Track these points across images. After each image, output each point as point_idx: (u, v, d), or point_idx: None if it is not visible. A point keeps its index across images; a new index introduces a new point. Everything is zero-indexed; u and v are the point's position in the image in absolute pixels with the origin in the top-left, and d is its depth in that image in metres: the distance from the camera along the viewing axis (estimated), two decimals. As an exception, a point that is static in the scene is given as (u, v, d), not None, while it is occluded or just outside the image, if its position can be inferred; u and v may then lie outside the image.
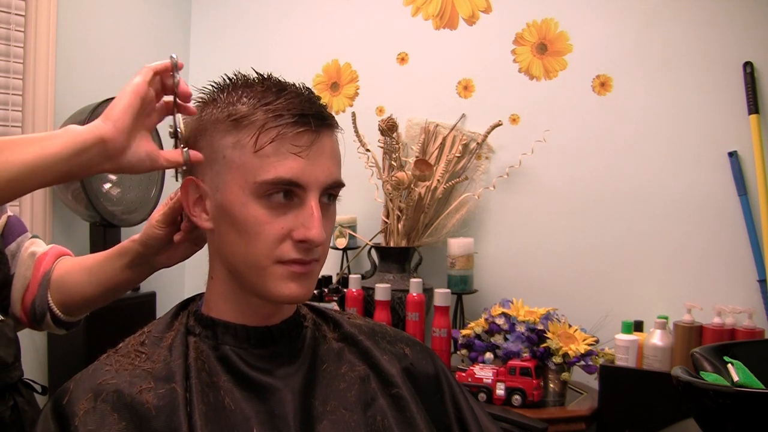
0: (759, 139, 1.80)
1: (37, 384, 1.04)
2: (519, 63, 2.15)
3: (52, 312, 0.99)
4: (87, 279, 0.98)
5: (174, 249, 0.92)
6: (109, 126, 0.76)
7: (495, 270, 2.17)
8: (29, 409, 0.98)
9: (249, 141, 0.74)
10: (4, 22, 1.93)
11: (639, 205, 1.98)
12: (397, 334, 0.94)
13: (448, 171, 2.14)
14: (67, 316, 1.01)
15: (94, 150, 0.76)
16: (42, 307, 0.99)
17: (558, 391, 1.71)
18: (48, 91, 2.04)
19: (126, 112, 0.76)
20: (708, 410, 0.84)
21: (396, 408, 0.82)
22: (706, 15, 1.90)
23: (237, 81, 0.80)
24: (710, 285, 1.87)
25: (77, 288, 0.99)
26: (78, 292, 0.99)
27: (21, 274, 1.00)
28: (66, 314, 1.00)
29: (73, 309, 1.01)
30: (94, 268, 0.98)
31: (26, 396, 0.99)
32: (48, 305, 0.99)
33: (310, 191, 0.75)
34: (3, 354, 0.94)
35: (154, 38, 2.50)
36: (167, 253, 0.93)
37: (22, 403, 0.96)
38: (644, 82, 1.98)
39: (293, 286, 0.76)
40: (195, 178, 0.79)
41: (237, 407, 0.74)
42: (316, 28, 2.47)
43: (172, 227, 0.90)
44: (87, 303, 1.00)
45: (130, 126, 0.77)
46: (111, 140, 0.76)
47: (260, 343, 0.80)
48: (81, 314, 1.04)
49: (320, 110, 0.77)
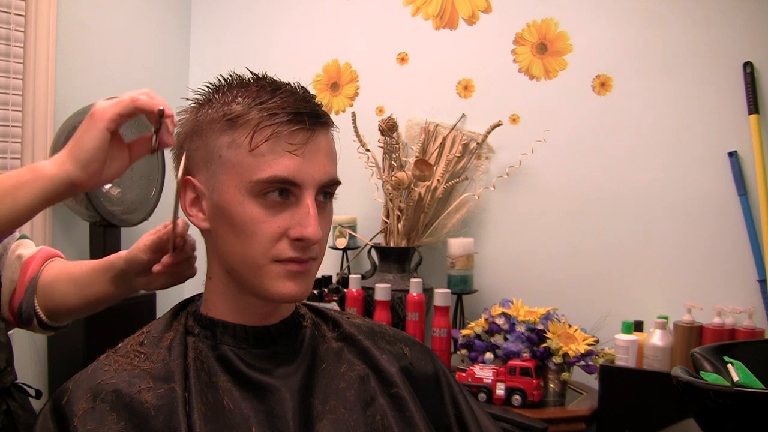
0: (759, 139, 1.80)
1: (31, 388, 1.03)
2: (519, 63, 2.15)
3: (38, 317, 0.99)
4: (73, 290, 0.97)
5: (154, 277, 0.91)
6: (79, 172, 0.75)
7: (495, 270, 2.17)
8: (23, 413, 0.97)
9: (244, 140, 0.74)
10: (4, 22, 1.93)
11: (639, 205, 1.98)
12: (397, 333, 0.94)
13: (448, 171, 2.14)
14: (52, 321, 1.00)
15: (65, 194, 0.76)
16: (29, 311, 0.99)
17: (558, 391, 1.71)
18: (48, 91, 2.04)
19: (97, 152, 0.75)
20: (708, 410, 0.84)
21: (395, 407, 0.82)
22: (706, 15, 1.90)
23: (232, 81, 0.80)
24: (710, 285, 1.87)
25: (62, 297, 0.98)
26: (63, 301, 0.98)
27: (8, 277, 0.99)
28: (51, 320, 1.00)
29: (57, 316, 1.00)
30: (81, 279, 0.97)
31: (19, 400, 0.99)
32: (34, 310, 0.99)
33: (305, 189, 0.75)
34: None
35: (154, 38, 2.50)
36: (147, 279, 0.92)
37: (16, 408, 0.96)
38: (644, 82, 1.98)
39: (290, 284, 0.76)
40: (192, 178, 0.79)
41: (236, 407, 0.74)
42: (316, 28, 2.47)
43: (157, 255, 0.89)
44: (70, 312, 1.00)
45: (101, 168, 0.76)
46: (81, 184, 0.76)
47: (259, 343, 0.80)
48: (66, 321, 1.03)
49: (315, 108, 0.77)
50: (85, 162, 0.75)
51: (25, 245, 1.03)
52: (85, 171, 0.75)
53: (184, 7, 2.66)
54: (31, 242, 1.05)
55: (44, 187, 0.74)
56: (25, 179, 0.75)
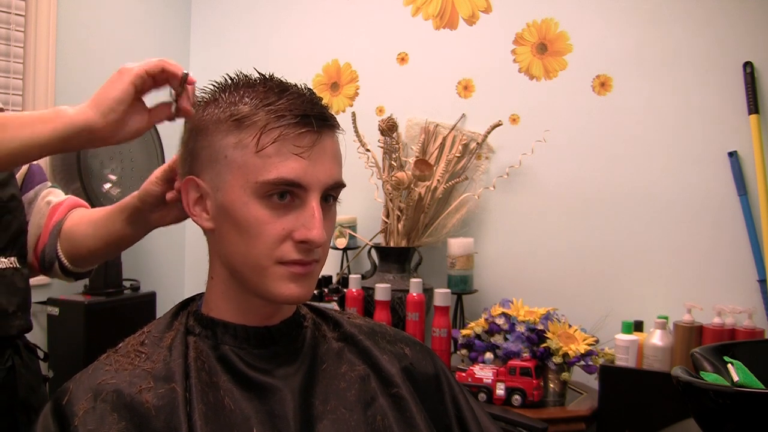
0: (759, 139, 1.80)
1: (40, 350, 1.07)
2: (519, 63, 2.15)
3: (60, 261, 1.04)
4: (92, 232, 1.01)
5: (168, 209, 0.93)
6: (98, 118, 0.77)
7: (495, 270, 2.17)
8: (26, 372, 1.00)
9: (251, 141, 0.74)
10: (4, 22, 1.94)
11: (639, 205, 1.98)
12: (397, 333, 0.94)
13: (448, 171, 2.14)
14: (73, 266, 1.05)
15: (82, 136, 0.78)
16: (51, 255, 1.03)
17: (558, 391, 1.71)
18: (48, 90, 2.04)
19: (118, 104, 0.77)
20: (708, 410, 0.84)
21: (396, 408, 0.82)
22: (706, 15, 1.90)
23: (239, 81, 0.79)
24: (710, 285, 1.88)
25: (83, 240, 1.02)
26: (83, 244, 1.02)
27: (35, 223, 1.04)
28: (73, 264, 1.04)
29: (79, 260, 1.05)
30: (99, 221, 1.00)
31: (26, 359, 1.02)
32: (56, 254, 1.03)
33: (311, 192, 0.75)
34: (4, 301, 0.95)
35: (154, 38, 2.50)
36: (161, 212, 0.93)
37: (20, 366, 0.99)
38: (644, 82, 1.98)
39: (293, 286, 0.76)
40: (195, 178, 0.79)
41: (237, 407, 0.74)
42: (316, 28, 2.47)
43: (169, 186, 0.90)
44: (91, 255, 1.04)
45: (120, 118, 0.78)
46: (99, 130, 0.78)
47: (260, 343, 0.80)
48: (87, 266, 1.08)
49: (322, 111, 0.77)
50: (105, 110, 0.77)
51: (55, 193, 1.08)
52: (104, 118, 0.77)
53: (184, 7, 2.66)
54: (60, 191, 1.09)
55: (63, 125, 0.77)
56: (47, 117, 0.77)
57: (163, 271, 2.59)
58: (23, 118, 0.78)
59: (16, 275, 0.99)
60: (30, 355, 1.03)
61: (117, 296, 2.11)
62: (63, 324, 1.99)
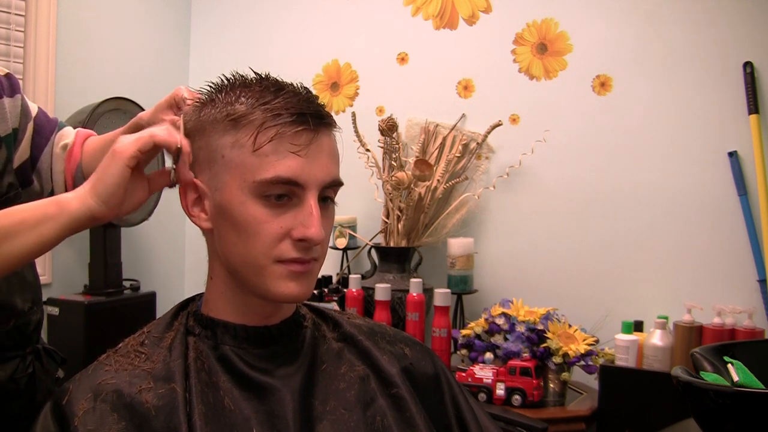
0: (759, 139, 1.80)
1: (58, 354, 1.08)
2: (519, 63, 2.15)
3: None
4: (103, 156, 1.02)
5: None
6: (100, 206, 0.77)
7: (495, 270, 2.17)
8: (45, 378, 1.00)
9: (247, 140, 0.74)
10: (4, 22, 1.94)
11: (639, 205, 1.98)
12: (397, 334, 0.94)
13: (448, 171, 2.15)
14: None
15: (87, 225, 0.79)
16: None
17: (558, 391, 1.71)
18: (48, 91, 2.04)
19: (117, 188, 0.77)
20: (708, 410, 0.84)
21: (396, 408, 0.82)
22: (706, 15, 1.90)
23: (235, 81, 0.80)
24: (710, 285, 1.87)
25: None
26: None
27: (58, 170, 1.05)
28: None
29: None
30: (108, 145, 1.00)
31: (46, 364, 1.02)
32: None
33: (308, 190, 0.75)
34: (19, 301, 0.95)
35: (154, 38, 2.50)
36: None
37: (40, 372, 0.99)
38: (644, 82, 1.98)
39: (292, 285, 0.76)
40: (194, 179, 0.79)
41: (236, 407, 0.74)
42: (316, 28, 2.47)
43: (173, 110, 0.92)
44: None
45: (121, 201, 0.78)
46: (103, 218, 0.79)
47: (260, 343, 0.80)
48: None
49: (318, 109, 0.77)
50: (106, 197, 0.77)
51: (66, 134, 1.07)
52: (106, 205, 0.77)
53: (184, 7, 2.66)
54: (70, 129, 1.09)
55: (68, 221, 0.78)
56: (51, 213, 0.78)
57: (163, 271, 2.59)
58: (27, 220, 0.78)
59: (25, 268, 0.99)
60: (49, 360, 1.04)
61: (117, 296, 2.12)
62: (63, 324, 1.99)
